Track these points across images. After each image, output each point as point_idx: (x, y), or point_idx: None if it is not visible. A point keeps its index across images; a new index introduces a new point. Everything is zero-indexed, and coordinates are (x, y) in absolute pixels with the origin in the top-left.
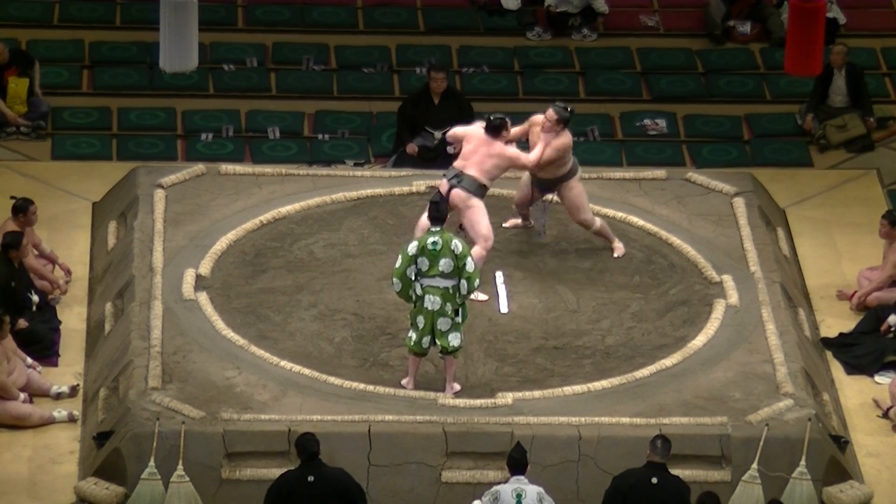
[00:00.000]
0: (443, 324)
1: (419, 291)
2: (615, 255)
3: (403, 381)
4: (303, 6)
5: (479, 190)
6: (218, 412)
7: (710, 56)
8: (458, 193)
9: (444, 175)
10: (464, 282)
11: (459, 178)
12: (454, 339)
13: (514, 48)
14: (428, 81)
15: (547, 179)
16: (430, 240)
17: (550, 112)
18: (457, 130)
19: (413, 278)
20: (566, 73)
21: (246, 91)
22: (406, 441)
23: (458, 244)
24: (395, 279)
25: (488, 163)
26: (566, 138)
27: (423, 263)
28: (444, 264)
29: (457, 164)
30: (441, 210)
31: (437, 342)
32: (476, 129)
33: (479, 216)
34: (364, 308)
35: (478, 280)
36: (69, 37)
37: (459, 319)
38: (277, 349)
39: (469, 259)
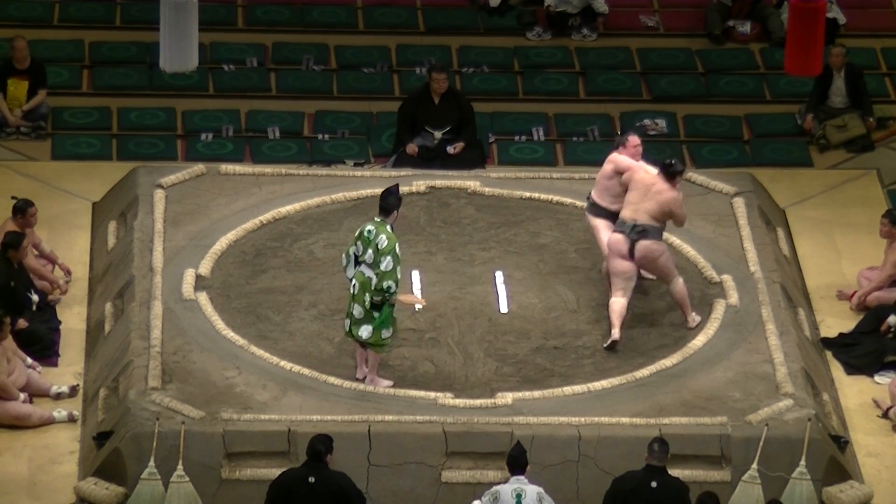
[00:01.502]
0: (357, 311)
1: (350, 274)
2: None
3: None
4: (303, 6)
5: (660, 234)
6: (218, 412)
7: (710, 56)
8: (647, 246)
9: (617, 230)
10: (375, 277)
11: (641, 230)
12: (364, 332)
13: (514, 48)
14: (429, 82)
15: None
16: (368, 227)
17: (635, 138)
18: (622, 162)
19: (353, 259)
20: (566, 73)
21: (246, 91)
22: (406, 441)
23: (383, 239)
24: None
25: (658, 208)
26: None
27: (359, 248)
28: (369, 255)
29: (626, 214)
30: (389, 202)
31: (350, 327)
32: (642, 172)
33: (668, 261)
34: None
35: (390, 282)
36: (69, 37)
37: (377, 315)
38: (277, 349)
39: (387, 258)
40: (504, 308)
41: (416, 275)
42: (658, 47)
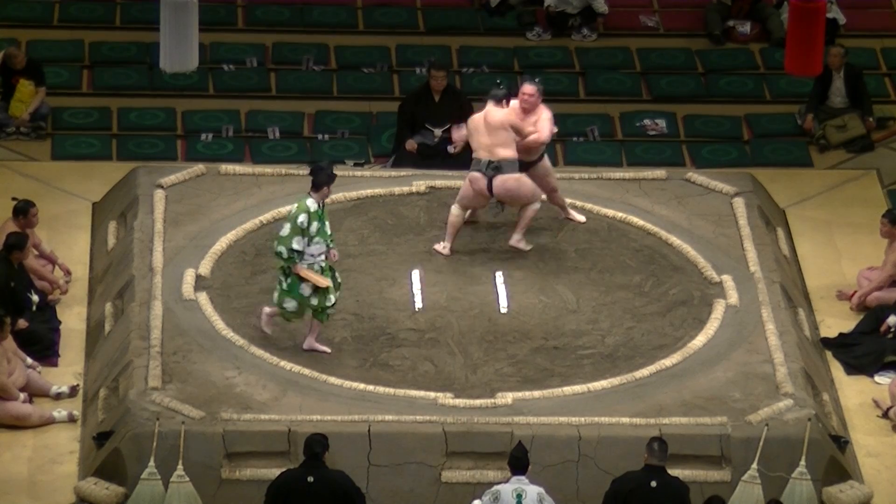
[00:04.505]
0: (277, 282)
1: None
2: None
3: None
4: (303, 6)
5: (516, 165)
6: (218, 412)
7: (710, 56)
8: (505, 179)
9: (474, 170)
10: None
11: (497, 166)
12: (288, 304)
13: (514, 48)
14: (428, 80)
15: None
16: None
17: (530, 87)
18: (460, 131)
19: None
20: (566, 73)
21: (246, 91)
22: (406, 441)
23: (294, 207)
24: None
25: (503, 136)
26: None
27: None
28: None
29: (480, 155)
30: (319, 178)
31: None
32: (473, 119)
33: (527, 187)
34: (364, 308)
35: (281, 248)
36: (69, 37)
37: (282, 281)
38: (277, 349)
39: (287, 225)
40: (504, 308)
41: (416, 274)
42: (658, 47)
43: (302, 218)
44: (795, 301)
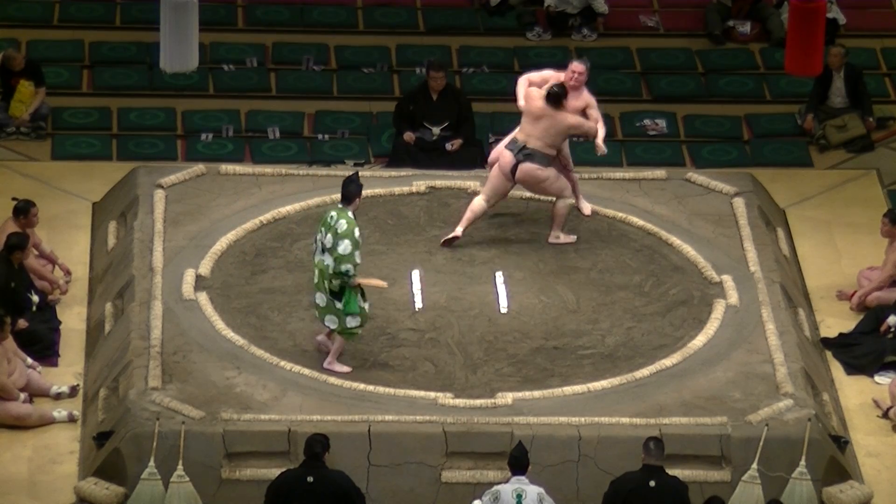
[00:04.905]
0: (319, 299)
1: (315, 261)
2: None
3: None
4: (303, 6)
5: (547, 161)
6: (218, 412)
7: (710, 56)
8: (528, 168)
9: (507, 147)
10: (332, 260)
11: (528, 153)
12: (330, 322)
13: (514, 48)
14: (427, 80)
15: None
16: (331, 213)
17: (579, 65)
18: (525, 93)
19: (318, 248)
20: None
21: (246, 91)
22: (406, 441)
23: (342, 223)
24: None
25: (553, 135)
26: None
27: (323, 235)
28: (328, 239)
29: (519, 137)
30: (349, 189)
31: (318, 316)
32: (535, 101)
33: (556, 184)
34: None
35: (348, 266)
36: (69, 37)
37: (339, 303)
38: (277, 349)
39: (345, 241)
40: (504, 308)
41: (416, 274)
42: (658, 47)
43: (357, 232)
44: (795, 301)
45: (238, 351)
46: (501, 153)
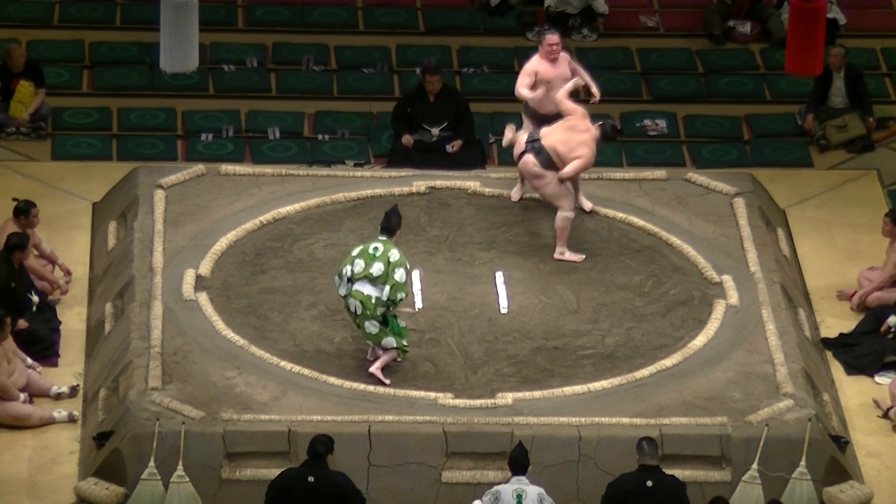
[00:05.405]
0: (370, 327)
1: (343, 292)
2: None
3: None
4: (303, 6)
5: (551, 165)
6: (218, 412)
7: (710, 56)
8: (527, 161)
9: (527, 137)
10: (388, 287)
11: (539, 150)
12: (389, 342)
13: (514, 48)
14: (422, 82)
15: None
16: (374, 245)
17: (553, 36)
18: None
19: (346, 278)
20: None
21: (246, 91)
22: (406, 441)
23: (395, 252)
24: (336, 276)
25: (573, 144)
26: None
27: (358, 265)
28: (376, 268)
29: (543, 130)
30: (391, 222)
31: (370, 342)
32: (567, 108)
33: (550, 188)
34: None
35: (402, 294)
36: (69, 37)
37: (388, 328)
38: (277, 349)
39: (401, 270)
40: (504, 308)
41: (416, 275)
42: (658, 47)
43: (407, 262)
44: (796, 301)
45: (238, 351)
46: (519, 140)
